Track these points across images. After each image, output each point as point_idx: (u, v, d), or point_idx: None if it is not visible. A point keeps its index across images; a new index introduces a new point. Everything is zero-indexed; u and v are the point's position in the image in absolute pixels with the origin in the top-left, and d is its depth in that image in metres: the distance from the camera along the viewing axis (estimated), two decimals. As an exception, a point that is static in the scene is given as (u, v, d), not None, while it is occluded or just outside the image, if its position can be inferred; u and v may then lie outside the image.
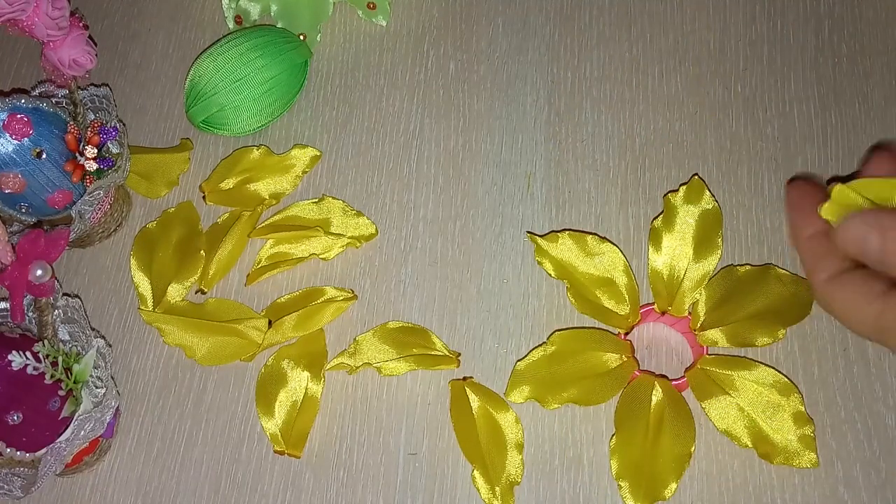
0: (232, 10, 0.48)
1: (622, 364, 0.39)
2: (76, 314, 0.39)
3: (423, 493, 0.38)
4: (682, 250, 0.40)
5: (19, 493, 0.36)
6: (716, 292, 0.39)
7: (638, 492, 0.36)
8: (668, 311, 0.40)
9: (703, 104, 0.44)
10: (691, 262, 0.40)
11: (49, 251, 0.38)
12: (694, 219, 0.40)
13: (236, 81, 0.43)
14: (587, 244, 0.41)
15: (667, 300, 0.40)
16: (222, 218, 0.44)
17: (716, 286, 0.40)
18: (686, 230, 0.40)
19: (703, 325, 0.39)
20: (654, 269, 0.40)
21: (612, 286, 0.40)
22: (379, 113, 0.46)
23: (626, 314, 0.40)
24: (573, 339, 0.39)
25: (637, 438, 0.37)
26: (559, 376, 0.39)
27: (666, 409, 0.37)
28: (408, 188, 0.44)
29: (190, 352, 0.41)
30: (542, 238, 0.41)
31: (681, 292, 0.39)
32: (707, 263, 0.40)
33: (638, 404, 0.38)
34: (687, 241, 0.40)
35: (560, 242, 0.41)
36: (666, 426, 0.37)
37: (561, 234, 0.41)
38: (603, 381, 0.38)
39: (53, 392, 0.35)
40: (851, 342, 0.39)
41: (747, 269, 0.40)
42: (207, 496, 0.39)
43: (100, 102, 0.43)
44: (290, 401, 0.39)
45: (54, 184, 0.39)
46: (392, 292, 0.42)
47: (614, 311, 0.40)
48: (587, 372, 0.39)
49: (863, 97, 0.44)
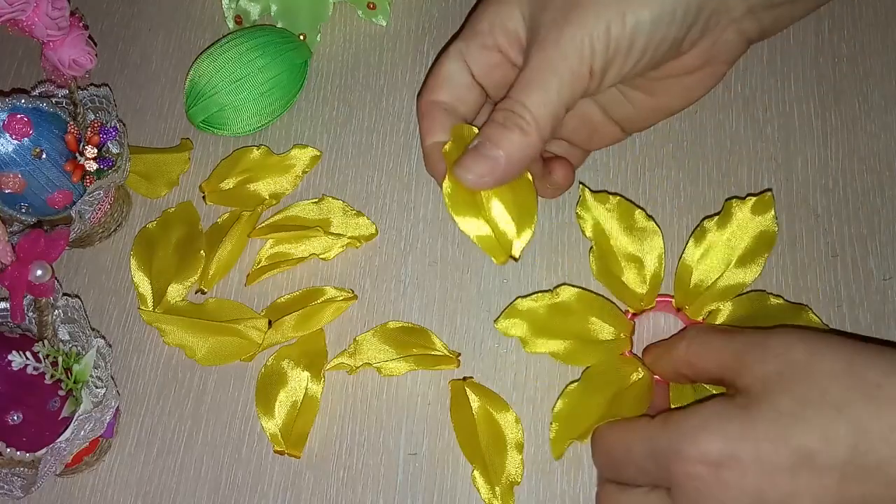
0: (232, 10, 0.48)
1: (617, 339, 0.39)
2: (76, 314, 0.39)
3: (424, 493, 0.38)
4: (723, 257, 0.39)
5: (19, 493, 0.36)
6: (740, 310, 0.39)
7: (564, 437, 0.36)
8: (685, 310, 0.39)
9: (703, 104, 0.44)
10: (727, 272, 0.39)
11: (49, 251, 0.38)
12: (748, 233, 0.39)
13: (236, 81, 0.43)
14: (634, 217, 0.40)
15: (687, 298, 0.39)
16: (222, 218, 0.44)
17: (742, 305, 0.39)
18: (736, 240, 0.39)
19: None
20: (686, 264, 0.39)
21: (639, 265, 0.39)
22: (379, 113, 0.46)
23: (642, 295, 0.39)
24: (580, 298, 0.39)
25: (594, 400, 0.37)
26: (552, 326, 0.39)
27: (635, 394, 0.37)
28: (408, 188, 0.44)
29: (190, 352, 0.41)
30: (594, 194, 0.41)
31: (705, 296, 0.39)
32: (742, 278, 0.39)
33: (614, 375, 0.37)
34: (732, 250, 0.39)
35: (609, 205, 0.40)
36: (625, 407, 0.36)
37: (613, 197, 0.40)
38: (590, 348, 0.38)
39: (53, 392, 0.35)
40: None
41: (780, 303, 0.39)
42: (207, 496, 0.39)
43: (100, 102, 0.43)
44: (289, 401, 0.39)
45: (54, 184, 0.39)
46: (392, 292, 0.42)
47: (631, 289, 0.39)
48: (580, 334, 0.39)
49: (863, 97, 0.44)
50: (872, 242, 0.41)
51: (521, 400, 0.39)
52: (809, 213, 0.41)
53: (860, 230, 0.41)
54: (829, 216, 0.41)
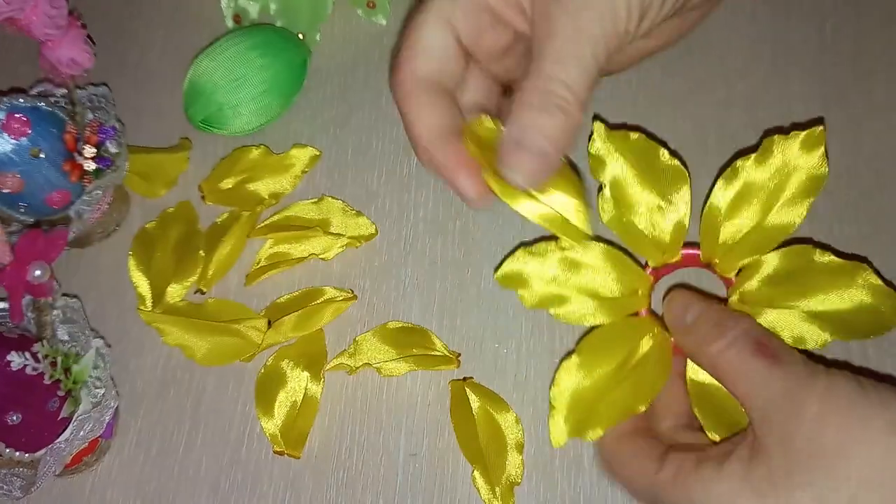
0: (231, 8, 0.48)
1: (633, 296, 0.34)
2: (75, 314, 0.39)
3: (424, 493, 0.38)
4: (760, 202, 0.33)
5: (18, 494, 0.36)
6: (781, 266, 0.33)
7: (568, 419, 0.32)
8: (715, 265, 0.34)
9: (705, 102, 0.44)
10: (764, 219, 0.33)
11: (47, 251, 0.37)
12: (795, 174, 0.33)
13: (235, 80, 0.43)
14: (658, 155, 0.34)
15: (716, 251, 0.34)
16: (221, 218, 0.44)
17: (783, 259, 0.33)
18: (777, 182, 0.33)
19: (745, 297, 0.33)
20: (714, 207, 0.33)
21: (660, 212, 0.34)
22: (379, 113, 0.46)
23: (665, 246, 0.34)
24: (591, 249, 0.33)
25: (598, 373, 0.32)
26: (556, 281, 0.33)
27: (646, 362, 0.33)
28: (407, 188, 0.44)
29: (189, 352, 0.41)
30: (611, 130, 0.35)
31: (738, 247, 0.33)
32: (783, 228, 0.33)
33: (622, 342, 0.33)
34: (772, 194, 0.33)
35: (629, 143, 0.34)
36: (634, 377, 0.32)
37: (633, 133, 0.35)
38: (601, 306, 0.33)
39: (52, 392, 0.35)
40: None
41: (831, 259, 0.33)
42: (207, 497, 0.39)
43: (98, 102, 0.43)
44: (289, 401, 0.39)
45: (53, 183, 0.39)
46: (392, 292, 0.42)
47: (652, 238, 0.34)
48: (589, 290, 0.33)
49: (866, 96, 0.43)
50: (875, 242, 0.40)
51: (522, 400, 0.39)
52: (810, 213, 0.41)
53: (862, 230, 0.41)
54: (831, 216, 0.41)
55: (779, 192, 0.33)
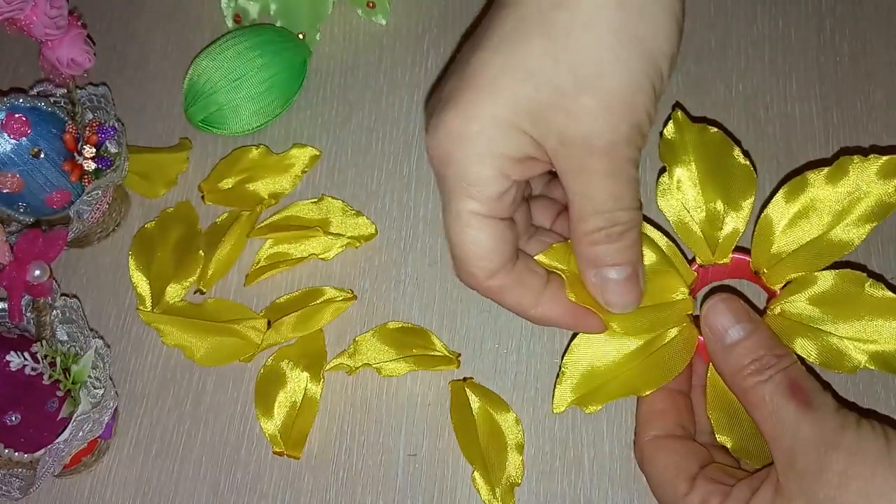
0: (231, 8, 0.48)
1: (681, 301, 0.33)
2: (74, 314, 0.39)
3: (423, 494, 0.38)
4: (822, 219, 0.32)
5: (18, 494, 0.36)
6: (833, 287, 0.32)
7: (576, 390, 0.32)
8: (763, 275, 0.33)
9: (705, 104, 0.44)
10: (824, 236, 0.32)
11: (47, 251, 0.37)
12: (866, 197, 0.32)
13: (235, 80, 0.43)
14: (732, 154, 0.34)
15: (767, 261, 0.33)
16: (221, 218, 0.43)
17: (836, 281, 0.32)
18: (846, 203, 0.32)
19: (787, 313, 0.32)
20: (769, 217, 0.33)
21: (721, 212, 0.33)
22: (379, 113, 0.46)
23: (718, 246, 0.33)
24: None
25: (620, 351, 0.32)
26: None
27: (668, 349, 0.32)
28: (408, 188, 0.44)
29: (189, 352, 0.41)
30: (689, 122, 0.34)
31: (789, 260, 0.32)
32: (840, 247, 0.32)
33: (655, 324, 0.32)
34: (838, 214, 0.32)
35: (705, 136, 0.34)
36: (650, 361, 0.32)
37: (711, 127, 0.34)
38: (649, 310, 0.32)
39: (52, 393, 0.35)
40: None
41: (884, 294, 0.32)
42: (206, 497, 0.39)
43: (98, 102, 0.43)
44: (289, 401, 0.39)
45: (52, 183, 0.39)
46: (392, 292, 0.42)
47: (707, 235, 0.33)
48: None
49: (865, 96, 0.43)
50: (875, 242, 0.40)
51: (522, 400, 0.39)
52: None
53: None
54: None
55: (845, 213, 0.33)
